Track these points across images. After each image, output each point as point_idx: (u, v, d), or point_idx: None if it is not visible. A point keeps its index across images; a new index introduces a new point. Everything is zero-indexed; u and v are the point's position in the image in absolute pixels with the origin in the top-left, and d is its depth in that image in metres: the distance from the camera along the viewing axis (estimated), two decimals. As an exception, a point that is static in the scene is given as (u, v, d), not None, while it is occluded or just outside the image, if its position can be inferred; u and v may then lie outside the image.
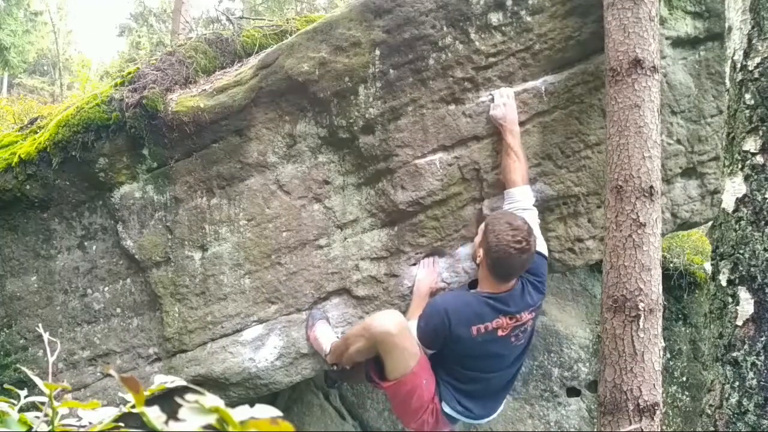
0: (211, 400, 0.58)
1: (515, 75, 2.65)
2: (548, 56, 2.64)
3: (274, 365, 2.72)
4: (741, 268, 2.32)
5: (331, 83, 2.61)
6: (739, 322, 2.32)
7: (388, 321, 2.30)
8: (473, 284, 2.54)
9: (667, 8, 2.75)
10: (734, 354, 2.32)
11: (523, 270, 2.34)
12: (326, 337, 2.63)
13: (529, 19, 2.60)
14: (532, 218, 2.49)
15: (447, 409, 2.42)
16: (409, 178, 2.65)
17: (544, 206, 2.68)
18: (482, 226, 2.41)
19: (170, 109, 2.66)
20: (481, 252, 2.35)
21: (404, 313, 2.57)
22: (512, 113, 2.56)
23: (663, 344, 2.55)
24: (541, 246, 2.49)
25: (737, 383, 2.30)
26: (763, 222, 2.28)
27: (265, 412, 0.62)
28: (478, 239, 2.43)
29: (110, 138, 2.71)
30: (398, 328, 2.27)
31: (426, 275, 2.68)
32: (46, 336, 1.08)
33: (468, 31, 2.59)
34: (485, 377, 2.44)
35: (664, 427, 3.58)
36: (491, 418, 2.61)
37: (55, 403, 0.76)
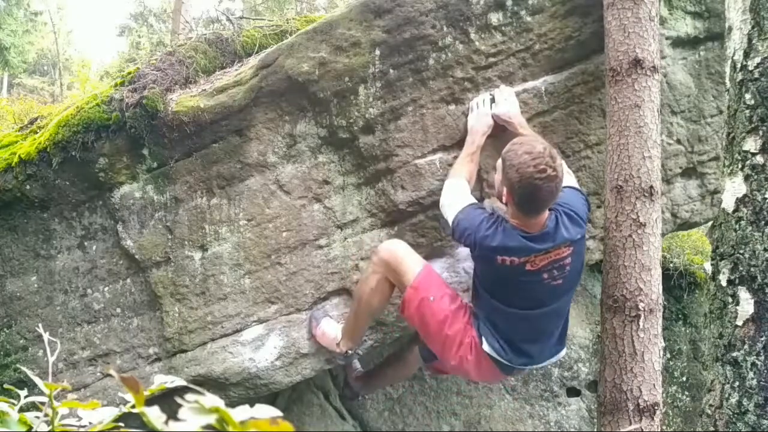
0: (211, 400, 0.58)
1: (515, 75, 2.65)
2: (548, 56, 2.64)
3: (274, 365, 2.72)
4: (741, 268, 2.32)
5: (331, 83, 2.61)
6: (739, 322, 2.32)
7: (390, 242, 2.52)
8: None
9: (667, 8, 2.75)
10: (734, 354, 2.32)
11: (554, 200, 2.11)
12: (333, 327, 2.64)
13: (529, 19, 2.60)
14: (571, 180, 2.40)
15: (487, 348, 2.31)
16: (409, 178, 2.65)
17: (544, 206, 2.68)
18: (499, 161, 2.18)
19: (170, 109, 2.66)
20: (504, 190, 2.13)
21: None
22: (515, 107, 2.54)
23: (663, 344, 2.55)
24: (575, 183, 2.41)
25: (737, 383, 2.30)
26: (763, 222, 2.28)
27: (265, 412, 0.62)
28: (498, 177, 2.21)
29: (110, 138, 2.71)
30: (401, 244, 2.48)
31: (477, 120, 2.53)
32: (46, 336, 1.08)
33: (468, 31, 2.59)
34: (518, 314, 2.26)
35: (664, 427, 3.58)
36: (538, 365, 2.47)
37: (55, 403, 0.76)
